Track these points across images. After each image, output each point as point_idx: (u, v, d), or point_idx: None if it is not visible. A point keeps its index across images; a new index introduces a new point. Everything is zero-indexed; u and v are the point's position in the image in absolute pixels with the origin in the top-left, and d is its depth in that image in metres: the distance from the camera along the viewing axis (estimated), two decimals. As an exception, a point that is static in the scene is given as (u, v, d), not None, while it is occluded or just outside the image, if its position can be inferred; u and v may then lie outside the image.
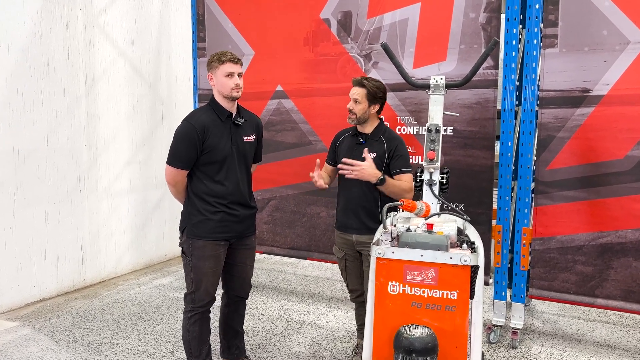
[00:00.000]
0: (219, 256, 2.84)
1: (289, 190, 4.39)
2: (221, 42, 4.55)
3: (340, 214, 3.08)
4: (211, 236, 2.78)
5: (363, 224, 2.94)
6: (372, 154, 2.87)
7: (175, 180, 2.81)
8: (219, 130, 2.77)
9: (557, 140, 3.47)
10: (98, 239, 4.93)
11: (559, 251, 3.52)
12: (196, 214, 2.80)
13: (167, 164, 2.79)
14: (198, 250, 2.79)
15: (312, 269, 5.38)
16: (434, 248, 2.23)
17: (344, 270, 3.15)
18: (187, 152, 2.72)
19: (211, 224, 2.78)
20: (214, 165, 2.77)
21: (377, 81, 2.94)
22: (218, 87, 2.78)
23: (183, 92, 5.87)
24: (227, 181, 2.79)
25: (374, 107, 2.91)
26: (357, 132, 3.00)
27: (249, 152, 2.93)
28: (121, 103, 5.11)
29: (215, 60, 2.75)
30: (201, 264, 2.80)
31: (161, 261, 5.72)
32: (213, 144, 2.74)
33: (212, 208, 2.78)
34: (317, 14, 4.14)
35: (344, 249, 3.08)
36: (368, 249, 2.94)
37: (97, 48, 4.82)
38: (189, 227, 2.82)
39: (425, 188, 2.62)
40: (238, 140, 2.84)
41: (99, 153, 4.88)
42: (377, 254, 2.27)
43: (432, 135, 2.64)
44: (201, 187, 2.79)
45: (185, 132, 2.72)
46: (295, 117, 4.31)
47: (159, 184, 5.60)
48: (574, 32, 3.36)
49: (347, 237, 3.03)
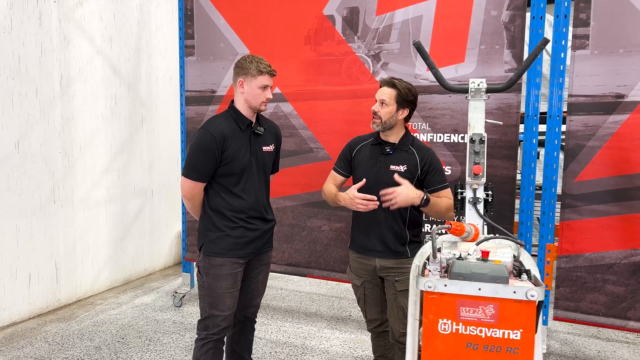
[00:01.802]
0: (237, 276, 2.59)
1: (287, 201, 4.03)
2: (212, 39, 4.16)
3: (358, 234, 2.72)
4: (229, 253, 2.55)
5: (387, 247, 2.61)
6: (401, 166, 2.54)
7: (191, 194, 2.57)
8: (238, 140, 2.53)
9: (587, 150, 3.21)
10: (74, 254, 4.47)
11: (587, 270, 3.26)
12: (214, 230, 2.56)
13: (184, 177, 2.54)
14: (215, 268, 2.55)
15: (306, 284, 5.03)
16: (493, 280, 1.91)
17: (361, 299, 2.79)
18: (205, 163, 2.48)
19: (230, 240, 2.55)
20: (233, 177, 2.53)
21: (409, 83, 2.62)
22: (248, 97, 2.54)
23: (165, 93, 5.45)
24: (245, 194, 2.56)
25: (402, 111, 2.58)
26: (380, 141, 2.65)
27: (268, 163, 2.69)
28: (98, 105, 4.66)
29: (253, 68, 2.49)
30: (217, 284, 2.55)
31: (141, 276, 5.28)
32: (232, 155, 2.50)
33: (231, 223, 2.55)
34: (321, 9, 3.80)
35: (362, 276, 2.73)
36: (393, 275, 2.62)
37: (73, 45, 4.36)
38: (207, 244, 2.58)
39: (468, 207, 2.29)
40: (257, 150, 2.60)
41: (75, 160, 4.42)
42: (427, 287, 1.94)
43: (476, 146, 2.32)
44: (219, 201, 2.55)
45: (204, 142, 2.47)
46: (294, 122, 3.95)
47: (139, 193, 5.16)
48: (607, 33, 3.11)
49: (367, 261, 2.69)
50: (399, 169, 2.54)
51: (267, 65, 2.53)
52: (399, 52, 3.60)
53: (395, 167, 2.55)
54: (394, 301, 2.63)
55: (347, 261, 3.85)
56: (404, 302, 2.58)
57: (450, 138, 3.50)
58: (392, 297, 2.62)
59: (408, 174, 2.53)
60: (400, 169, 2.54)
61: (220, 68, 4.17)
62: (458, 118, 3.48)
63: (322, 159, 3.88)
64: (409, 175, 2.53)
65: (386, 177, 2.54)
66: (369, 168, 2.61)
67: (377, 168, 2.58)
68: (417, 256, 2.21)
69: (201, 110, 4.28)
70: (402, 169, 2.54)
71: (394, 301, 2.63)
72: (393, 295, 2.61)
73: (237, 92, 2.57)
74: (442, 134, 3.51)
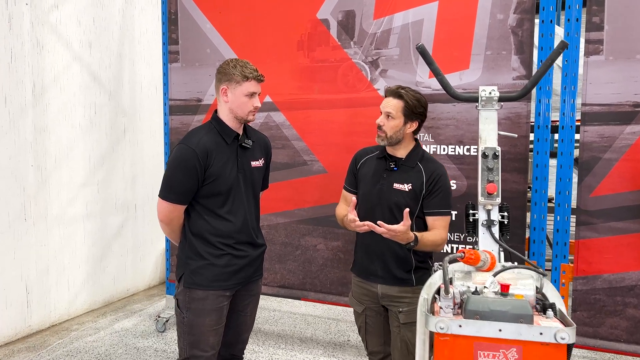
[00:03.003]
0: (222, 310, 2.28)
1: (279, 218, 3.74)
2: (198, 45, 3.89)
3: (360, 256, 2.46)
4: (214, 285, 2.24)
5: (390, 272, 2.34)
6: (406, 185, 2.27)
7: (170, 218, 2.26)
8: (224, 155, 2.23)
9: (603, 163, 2.96)
10: (47, 275, 4.14)
11: (606, 292, 3.00)
12: (196, 258, 2.25)
13: (161, 198, 2.24)
14: (197, 302, 2.24)
15: (301, 305, 4.71)
16: (516, 319, 1.64)
17: (362, 328, 2.51)
18: (185, 182, 2.19)
19: (215, 270, 2.24)
20: (218, 198, 2.23)
21: (417, 92, 2.35)
22: (232, 106, 2.24)
23: (149, 102, 5.15)
24: (232, 216, 2.26)
25: (410, 125, 2.31)
26: (386, 155, 2.39)
27: (257, 179, 2.39)
28: (76, 114, 4.36)
29: (237, 73, 2.20)
30: (199, 320, 2.23)
31: (123, 297, 4.95)
32: (217, 172, 2.20)
33: (216, 250, 2.24)
34: (314, 13, 3.54)
35: (364, 302, 2.46)
36: (396, 305, 2.34)
37: (48, 50, 4.06)
38: (187, 274, 2.26)
39: (481, 231, 2.02)
40: (245, 166, 2.30)
41: (48, 174, 4.11)
42: (438, 328, 1.66)
43: (489, 161, 2.06)
44: (202, 225, 2.25)
45: (184, 158, 2.18)
46: (287, 132, 3.67)
47: (120, 208, 4.85)
48: (623, 37, 2.88)
49: (369, 287, 2.42)
50: (403, 188, 2.27)
51: (253, 69, 2.25)
52: (399, 58, 3.34)
53: (399, 185, 2.28)
54: (398, 334, 2.35)
55: (345, 282, 3.60)
56: (409, 337, 2.30)
57: (455, 150, 3.24)
58: (395, 329, 2.35)
59: (412, 194, 2.26)
60: (404, 187, 2.27)
61: (206, 75, 3.89)
62: (463, 129, 3.22)
63: (316, 172, 3.61)
64: (413, 195, 2.26)
65: (389, 196, 2.28)
66: (372, 185, 2.34)
67: (379, 186, 2.31)
68: (425, 288, 1.93)
69: (186, 120, 4.00)
70: (406, 188, 2.27)
71: (397, 334, 2.35)
72: (397, 327, 2.33)
73: (221, 101, 2.29)
74: (447, 146, 3.25)
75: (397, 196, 2.28)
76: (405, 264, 2.33)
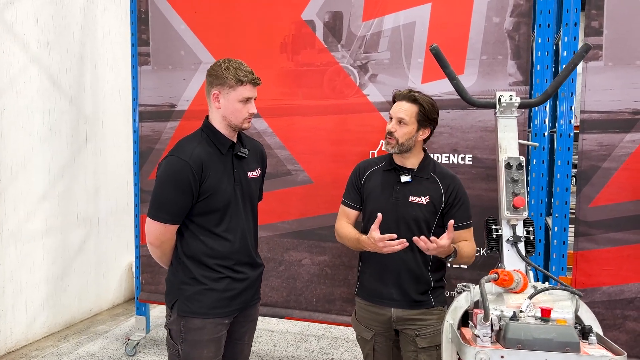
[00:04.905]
0: (220, 340, 2.05)
1: (261, 231, 3.44)
2: (171, 46, 3.62)
3: (368, 278, 2.26)
4: (212, 312, 2.01)
5: (407, 295, 2.16)
6: (423, 198, 2.10)
7: (161, 240, 2.01)
8: (219, 167, 2.00)
9: (602, 172, 2.88)
10: (2, 297, 3.76)
11: (605, 305, 2.92)
12: (191, 283, 2.01)
13: (150, 218, 1.97)
14: (193, 333, 1.99)
15: (276, 322, 4.47)
16: (562, 348, 1.50)
17: (370, 356, 2.30)
18: (178, 199, 1.93)
19: (213, 295, 2.01)
20: (214, 215, 2.00)
21: (429, 97, 2.19)
22: (225, 113, 2.02)
23: (113, 107, 4.82)
24: (231, 234, 2.03)
25: (423, 132, 2.15)
26: (395, 166, 2.21)
27: (255, 192, 2.18)
28: (34, 122, 4.00)
29: (231, 77, 1.97)
30: (196, 353, 1.99)
31: (85, 318, 4.58)
32: (213, 187, 1.97)
33: (214, 274, 2.01)
34: (299, 14, 3.34)
35: (373, 328, 2.26)
36: (413, 328, 2.16)
37: (2, 51, 3.70)
38: (182, 301, 2.01)
39: (506, 248, 1.87)
40: (242, 178, 2.08)
41: (4, 187, 3.74)
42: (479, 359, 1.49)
43: (514, 173, 1.90)
44: (197, 246, 2.01)
45: (176, 173, 1.92)
46: (269, 140, 3.46)
47: (82, 222, 4.49)
48: (622, 42, 2.82)
49: (380, 310, 2.22)
50: (420, 201, 2.10)
51: (248, 71, 2.03)
52: (390, 63, 3.19)
53: (415, 198, 2.11)
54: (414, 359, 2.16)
55: (332, 299, 3.39)
56: (428, 363, 2.12)
57: (449, 159, 3.11)
58: (411, 354, 2.16)
59: (431, 207, 2.10)
60: (421, 200, 2.10)
61: (180, 79, 3.62)
62: (457, 136, 3.09)
63: (301, 183, 3.40)
64: (432, 208, 2.10)
65: (405, 210, 2.10)
66: (384, 200, 2.16)
67: (393, 200, 2.13)
68: (450, 312, 1.76)
69: (158, 127, 3.71)
70: (423, 201, 2.10)
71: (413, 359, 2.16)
72: (413, 352, 2.15)
73: (212, 108, 2.06)
74: (440, 154, 3.11)
75: (415, 210, 2.12)
76: (423, 283, 2.16)
